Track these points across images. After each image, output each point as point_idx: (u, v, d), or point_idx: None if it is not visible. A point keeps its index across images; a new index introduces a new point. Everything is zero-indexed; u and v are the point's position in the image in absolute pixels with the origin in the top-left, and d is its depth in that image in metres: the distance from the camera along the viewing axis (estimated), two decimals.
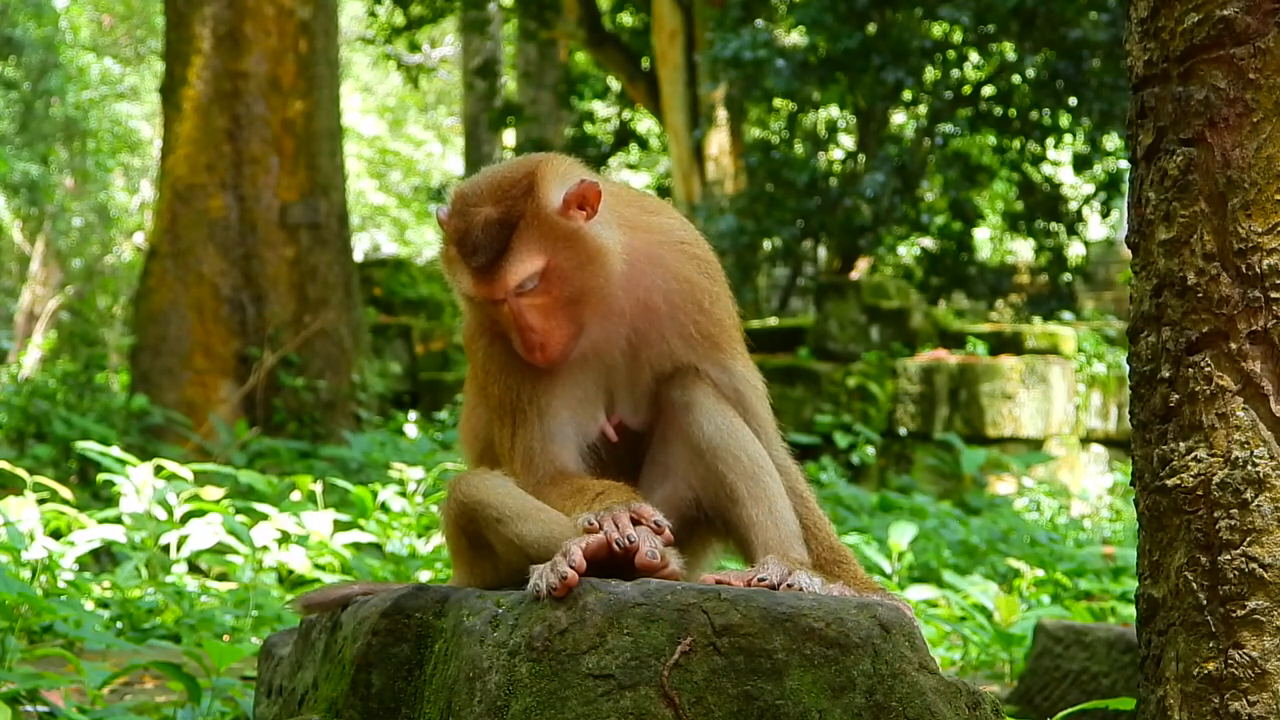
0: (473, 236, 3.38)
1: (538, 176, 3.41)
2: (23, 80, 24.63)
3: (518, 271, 3.35)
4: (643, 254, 3.49)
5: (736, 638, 3.08)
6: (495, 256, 3.35)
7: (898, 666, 3.13)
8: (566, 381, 3.47)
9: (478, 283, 3.38)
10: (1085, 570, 9.70)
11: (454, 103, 35.32)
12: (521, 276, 3.35)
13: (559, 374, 3.47)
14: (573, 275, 3.39)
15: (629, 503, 3.25)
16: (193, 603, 7.30)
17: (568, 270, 3.38)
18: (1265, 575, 3.01)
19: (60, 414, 13.35)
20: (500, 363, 3.49)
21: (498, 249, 3.36)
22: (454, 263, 3.44)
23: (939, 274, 20.77)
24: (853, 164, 19.92)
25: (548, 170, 3.43)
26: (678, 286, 3.52)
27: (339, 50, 15.65)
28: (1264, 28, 3.03)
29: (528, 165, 3.46)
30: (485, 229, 3.37)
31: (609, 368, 3.51)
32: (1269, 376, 3.04)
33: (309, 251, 14.28)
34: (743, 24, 18.76)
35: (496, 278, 3.36)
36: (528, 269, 3.36)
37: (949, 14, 18.26)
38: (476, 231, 3.38)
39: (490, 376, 3.50)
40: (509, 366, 3.48)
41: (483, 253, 3.37)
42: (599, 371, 3.51)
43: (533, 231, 3.37)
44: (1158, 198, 3.16)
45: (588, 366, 3.49)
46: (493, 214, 3.37)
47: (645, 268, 3.49)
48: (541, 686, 3.03)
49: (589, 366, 3.50)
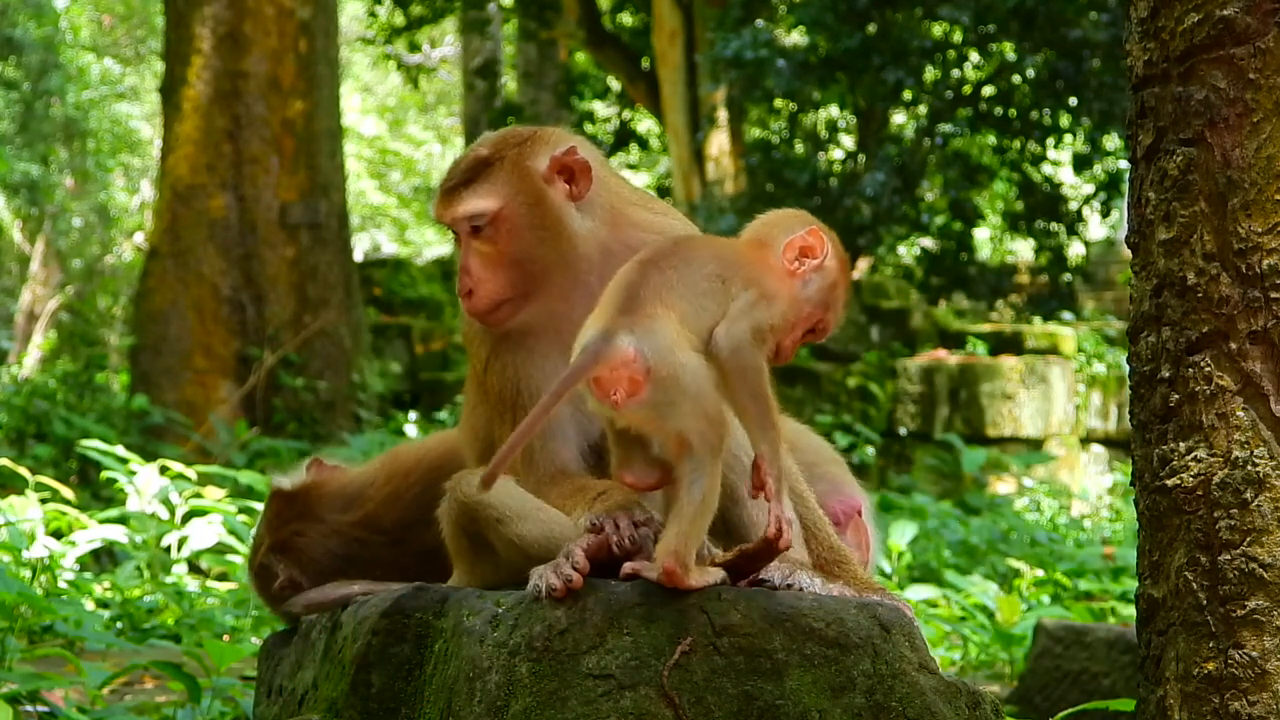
0: (457, 164, 3.51)
1: (539, 136, 3.51)
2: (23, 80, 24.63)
3: (470, 204, 3.43)
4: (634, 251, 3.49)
5: (736, 638, 3.08)
6: (459, 184, 3.46)
7: (898, 666, 3.13)
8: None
9: (438, 203, 3.49)
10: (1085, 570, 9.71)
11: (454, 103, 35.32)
12: (472, 209, 3.43)
13: (558, 371, 3.45)
14: (523, 235, 3.44)
15: (630, 504, 3.24)
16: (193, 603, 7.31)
17: (519, 227, 3.44)
18: (1265, 575, 3.01)
19: (60, 414, 13.35)
20: (501, 351, 3.48)
21: (465, 179, 3.46)
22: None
23: (939, 274, 20.77)
24: (853, 164, 19.91)
25: (551, 136, 3.52)
26: None
27: (339, 50, 15.66)
28: (1264, 28, 3.03)
29: (535, 128, 3.58)
30: (468, 161, 3.49)
31: None
32: (1269, 376, 3.04)
33: (309, 251, 14.29)
34: (743, 24, 18.75)
35: (452, 202, 3.46)
36: (480, 205, 3.43)
37: (949, 14, 18.25)
38: (463, 161, 3.51)
39: (490, 368, 3.49)
40: (508, 355, 3.47)
41: (453, 178, 3.48)
42: None
43: (502, 175, 3.45)
44: (1158, 198, 3.16)
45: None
46: (483, 152, 3.50)
47: None
48: (541, 686, 3.03)
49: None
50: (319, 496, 3.86)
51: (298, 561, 3.77)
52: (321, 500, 3.86)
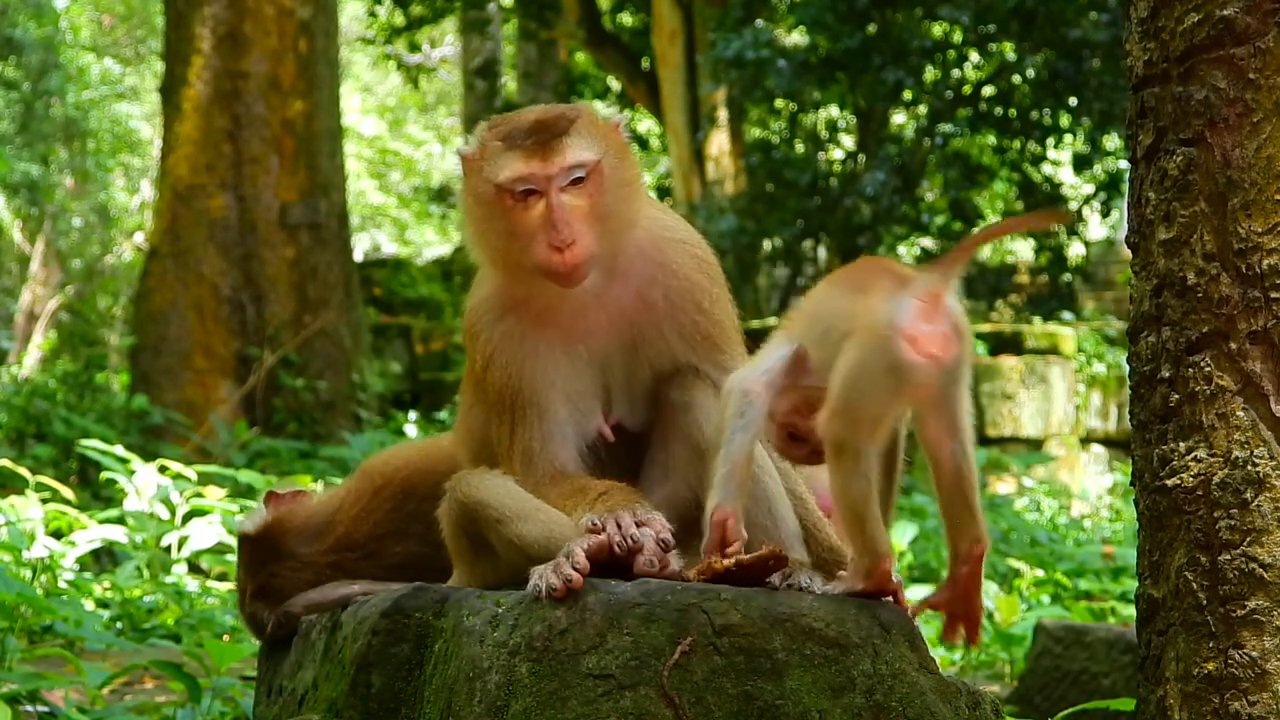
0: (526, 126, 3.37)
1: (586, 105, 3.52)
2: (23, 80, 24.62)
3: (576, 153, 3.35)
4: (646, 245, 3.49)
5: (736, 638, 3.08)
6: (554, 137, 3.35)
7: (898, 666, 3.13)
8: (565, 379, 3.46)
9: (529, 159, 3.34)
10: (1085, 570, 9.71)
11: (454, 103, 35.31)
12: (579, 158, 3.34)
13: (558, 370, 3.45)
14: (614, 188, 3.39)
15: (631, 504, 3.24)
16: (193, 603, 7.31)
17: (611, 180, 3.39)
18: (1265, 575, 3.01)
19: (60, 414, 13.35)
20: (503, 345, 3.46)
21: (557, 132, 3.35)
22: (495, 156, 3.38)
23: None
24: (853, 164, 19.90)
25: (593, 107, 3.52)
26: (678, 284, 3.51)
27: (339, 50, 15.65)
28: (1264, 28, 3.03)
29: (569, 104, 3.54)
30: (540, 120, 3.38)
31: (606, 366, 3.50)
32: (1269, 376, 3.04)
33: (309, 251, 14.28)
34: (743, 24, 18.74)
35: (554, 153, 3.33)
36: (585, 155, 3.35)
37: (949, 14, 18.24)
38: (530, 122, 3.38)
39: (491, 364, 3.46)
40: (510, 351, 3.45)
41: (541, 134, 3.35)
42: (597, 369, 3.49)
43: (590, 129, 3.39)
44: (1158, 198, 3.16)
45: (586, 363, 3.48)
46: (546, 115, 3.40)
47: (647, 260, 3.48)
48: (541, 686, 3.03)
49: (587, 363, 3.48)
50: (284, 533, 3.82)
51: (280, 602, 3.76)
52: (288, 536, 3.81)
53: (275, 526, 3.83)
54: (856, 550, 3.16)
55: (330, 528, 3.83)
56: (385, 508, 3.80)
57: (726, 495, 3.15)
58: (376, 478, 3.88)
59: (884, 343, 2.97)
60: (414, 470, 3.84)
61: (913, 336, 2.95)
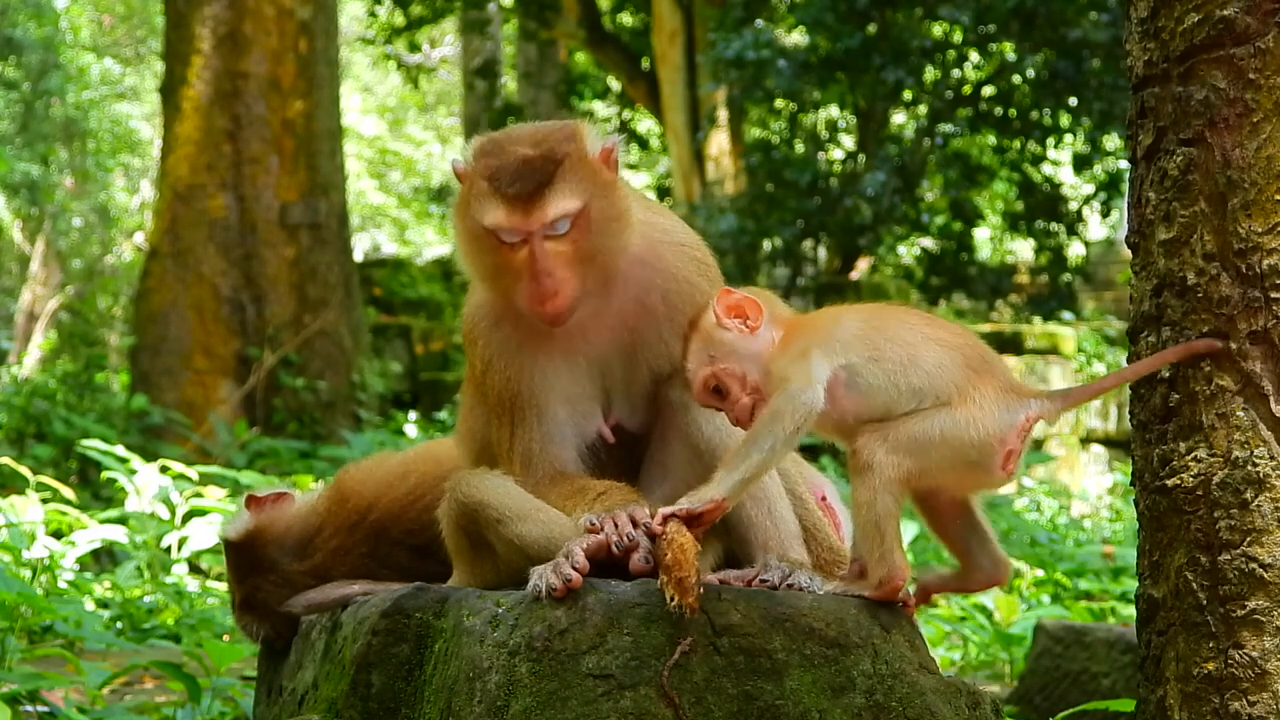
0: (511, 168, 3.30)
1: (579, 128, 3.38)
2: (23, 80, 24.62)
3: (558, 206, 3.28)
4: (644, 251, 3.48)
5: (736, 638, 3.08)
6: (536, 188, 3.28)
7: (898, 666, 3.13)
8: (564, 379, 3.46)
9: (512, 212, 3.28)
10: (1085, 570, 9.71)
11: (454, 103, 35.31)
12: (561, 211, 3.28)
13: (557, 374, 3.45)
14: (600, 228, 3.34)
15: (630, 504, 3.24)
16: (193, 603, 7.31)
17: (598, 221, 3.33)
18: (1265, 575, 3.01)
19: (60, 414, 13.35)
20: (501, 352, 3.46)
21: (540, 181, 3.28)
22: (481, 198, 3.32)
23: (939, 274, 20.77)
24: (853, 164, 19.91)
25: (587, 127, 3.41)
26: (676, 288, 3.50)
27: (339, 50, 15.65)
28: (1264, 28, 3.03)
29: (564, 122, 3.44)
30: (526, 163, 3.30)
31: (606, 369, 3.50)
32: (1269, 376, 3.04)
33: (309, 251, 14.28)
34: (744, 24, 18.75)
35: (535, 207, 3.27)
36: (567, 206, 3.29)
37: (949, 14, 18.25)
38: (516, 164, 3.30)
39: (490, 368, 3.47)
40: (509, 357, 3.45)
41: (523, 182, 3.28)
42: (596, 372, 3.50)
43: (576, 172, 3.31)
44: (1158, 198, 3.16)
45: (585, 367, 3.48)
46: (533, 153, 3.31)
47: (645, 266, 3.48)
48: (541, 686, 3.03)
49: (586, 367, 3.48)
50: (266, 542, 3.78)
51: (266, 616, 3.75)
52: (269, 545, 3.77)
53: (257, 534, 3.79)
54: (872, 560, 3.17)
55: (310, 549, 3.79)
56: (360, 550, 3.76)
57: (731, 494, 3.14)
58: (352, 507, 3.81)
59: (986, 447, 3.14)
60: (394, 499, 3.79)
61: (1010, 453, 3.15)
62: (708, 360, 3.28)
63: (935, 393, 3.15)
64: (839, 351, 3.22)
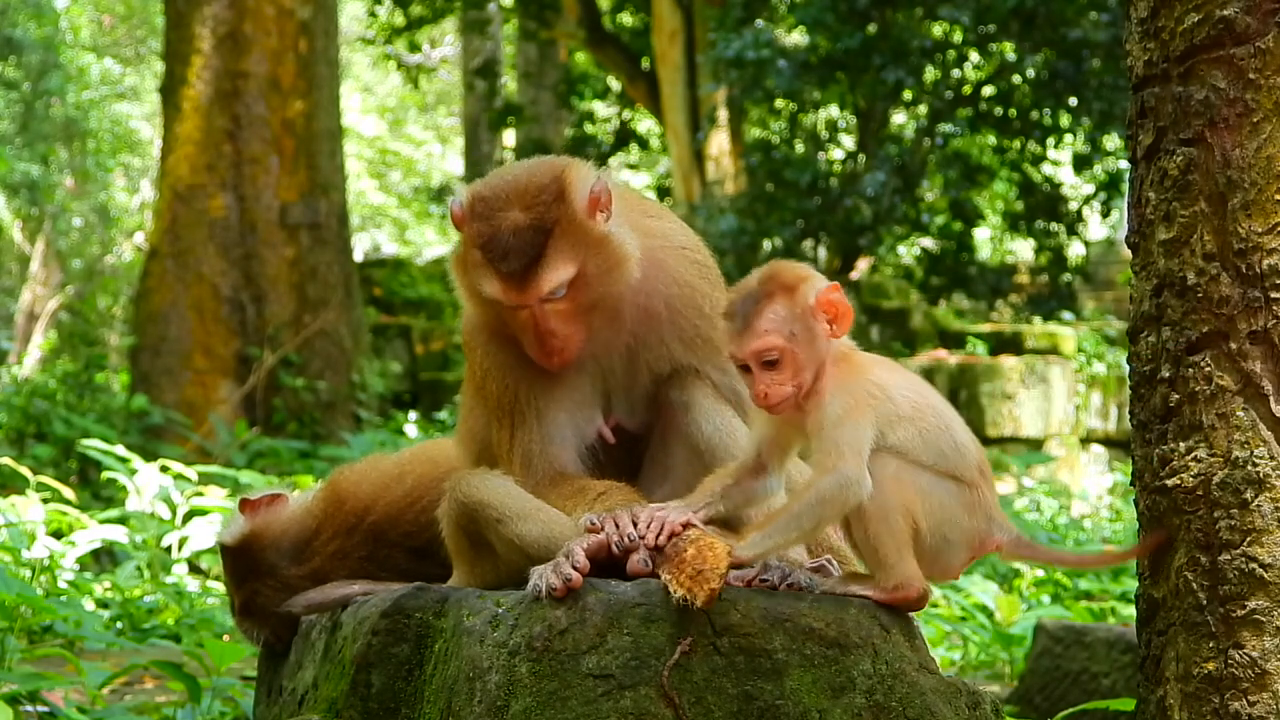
0: (502, 241, 3.31)
1: (567, 182, 3.36)
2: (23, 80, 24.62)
3: (552, 279, 3.31)
4: (646, 258, 3.49)
5: (736, 638, 3.08)
6: (529, 263, 3.30)
7: (898, 666, 3.13)
8: (564, 383, 3.47)
9: (508, 288, 3.32)
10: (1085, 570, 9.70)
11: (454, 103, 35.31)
12: (555, 284, 3.31)
13: (557, 376, 3.46)
14: (598, 281, 3.36)
15: (630, 504, 3.24)
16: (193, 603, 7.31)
17: (594, 277, 3.36)
18: (1265, 575, 3.01)
19: (60, 414, 13.35)
20: (499, 362, 3.48)
21: (532, 255, 3.30)
22: (478, 267, 3.36)
23: (939, 274, 20.76)
24: (853, 164, 19.90)
25: (574, 176, 3.37)
26: (679, 291, 3.51)
27: (339, 50, 15.65)
28: (1264, 28, 3.03)
29: (553, 170, 3.40)
30: (517, 234, 3.31)
31: (606, 371, 3.51)
32: (1269, 376, 3.04)
33: (309, 251, 14.28)
34: (744, 24, 18.74)
35: (530, 284, 3.31)
36: (562, 276, 3.32)
37: (949, 14, 18.25)
38: (507, 236, 3.31)
39: (489, 376, 3.48)
40: (508, 367, 3.47)
41: (515, 258, 3.30)
42: (596, 374, 3.50)
43: (567, 239, 3.32)
44: (1158, 198, 3.16)
45: (585, 369, 3.49)
46: (523, 220, 3.32)
47: (647, 274, 3.48)
48: (541, 686, 3.03)
49: (587, 369, 3.49)
50: (263, 546, 3.77)
51: (266, 620, 3.74)
52: (266, 549, 3.76)
53: (253, 538, 3.78)
54: (885, 565, 3.17)
55: (308, 553, 3.78)
56: (359, 553, 3.76)
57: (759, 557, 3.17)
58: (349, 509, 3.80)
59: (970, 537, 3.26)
60: (391, 501, 3.78)
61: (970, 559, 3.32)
62: (788, 335, 3.18)
63: (956, 467, 3.22)
64: (892, 426, 3.21)
